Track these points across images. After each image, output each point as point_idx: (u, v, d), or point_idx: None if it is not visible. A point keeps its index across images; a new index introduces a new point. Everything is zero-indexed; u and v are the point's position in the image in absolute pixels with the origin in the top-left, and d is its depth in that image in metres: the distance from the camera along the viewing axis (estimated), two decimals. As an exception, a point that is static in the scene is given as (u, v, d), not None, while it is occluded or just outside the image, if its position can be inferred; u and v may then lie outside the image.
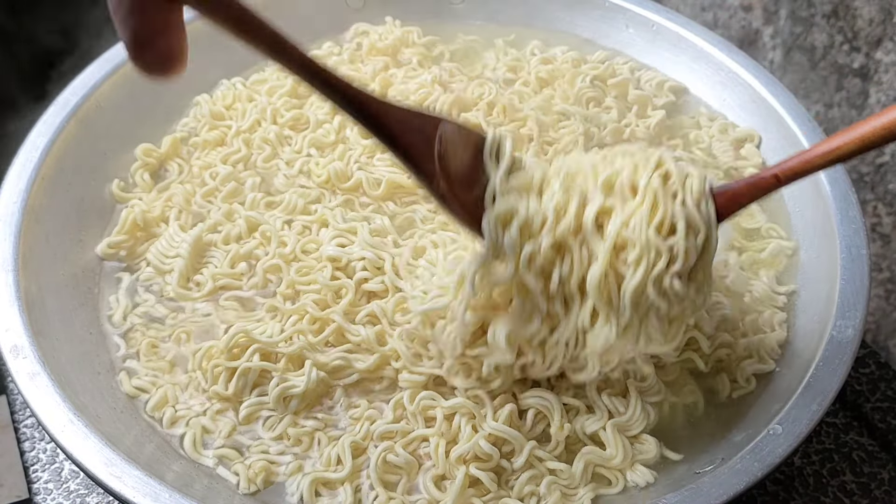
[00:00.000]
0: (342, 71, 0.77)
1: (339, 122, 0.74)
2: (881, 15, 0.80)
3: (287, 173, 0.71)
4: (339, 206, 0.68)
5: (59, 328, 0.61)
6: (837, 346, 0.57)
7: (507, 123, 0.73)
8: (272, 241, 0.65)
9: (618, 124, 0.75)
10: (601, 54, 0.83)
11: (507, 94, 0.75)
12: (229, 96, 0.78)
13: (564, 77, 0.78)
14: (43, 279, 0.62)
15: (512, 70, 0.80)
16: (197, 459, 0.56)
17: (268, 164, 0.73)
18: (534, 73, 0.79)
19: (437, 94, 0.75)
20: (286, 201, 0.68)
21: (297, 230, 0.66)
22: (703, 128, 0.78)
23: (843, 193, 0.66)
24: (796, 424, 0.53)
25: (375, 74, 0.79)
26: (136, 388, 0.60)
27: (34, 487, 0.64)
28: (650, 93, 0.79)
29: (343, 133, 0.74)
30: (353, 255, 0.63)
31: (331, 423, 0.58)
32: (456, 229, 0.64)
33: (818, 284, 0.64)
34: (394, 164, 0.70)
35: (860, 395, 0.71)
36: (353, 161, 0.71)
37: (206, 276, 0.64)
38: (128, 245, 0.68)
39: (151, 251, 0.67)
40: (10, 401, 0.69)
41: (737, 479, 0.50)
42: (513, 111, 0.73)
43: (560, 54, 0.82)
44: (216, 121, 0.76)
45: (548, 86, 0.79)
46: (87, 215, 0.69)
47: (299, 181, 0.71)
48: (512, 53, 0.82)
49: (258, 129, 0.75)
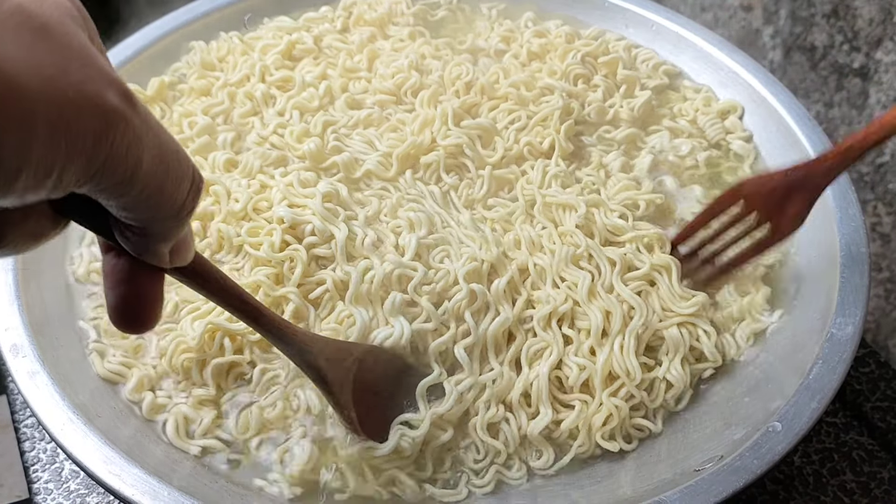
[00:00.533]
0: (329, 40, 0.79)
1: (325, 87, 0.73)
2: (881, 15, 0.80)
3: (260, 132, 0.71)
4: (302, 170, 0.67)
5: (58, 328, 0.61)
6: (837, 345, 0.57)
7: (484, 101, 0.72)
8: (222, 202, 0.64)
9: (602, 104, 0.74)
10: (594, 30, 0.82)
11: (490, 70, 0.75)
12: (224, 48, 0.78)
13: (556, 51, 0.78)
14: (43, 279, 0.62)
15: (505, 41, 0.80)
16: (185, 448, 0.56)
17: (244, 121, 0.72)
18: (525, 46, 0.79)
19: (415, 78, 0.74)
20: (244, 162, 0.68)
21: (255, 189, 0.65)
22: (689, 100, 0.78)
23: (843, 193, 0.66)
24: (796, 422, 0.53)
25: (363, 45, 0.78)
26: (111, 371, 0.59)
27: (34, 487, 0.64)
28: (644, 73, 0.79)
29: (328, 98, 0.73)
30: (303, 217, 0.62)
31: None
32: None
33: (818, 283, 0.64)
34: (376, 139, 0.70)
35: (860, 394, 0.71)
36: (331, 134, 0.70)
37: None
38: None
39: None
40: (11, 401, 0.69)
41: (736, 477, 0.50)
42: (491, 90, 0.73)
43: (554, 28, 0.81)
44: (206, 70, 0.76)
45: (538, 59, 0.78)
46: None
47: (271, 140, 0.70)
48: (506, 24, 0.82)
49: (245, 84, 0.74)
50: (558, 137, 0.70)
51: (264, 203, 0.64)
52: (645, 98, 0.75)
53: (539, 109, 0.72)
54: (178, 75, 0.77)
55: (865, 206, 0.88)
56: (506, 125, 0.71)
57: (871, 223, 0.87)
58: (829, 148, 0.58)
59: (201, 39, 0.80)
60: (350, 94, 0.73)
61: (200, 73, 0.76)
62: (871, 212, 0.87)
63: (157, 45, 0.77)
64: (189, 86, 0.75)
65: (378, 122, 0.72)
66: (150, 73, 0.77)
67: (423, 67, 0.75)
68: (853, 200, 0.65)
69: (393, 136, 0.70)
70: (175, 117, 0.73)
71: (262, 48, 0.77)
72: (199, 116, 0.72)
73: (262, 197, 0.65)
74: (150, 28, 0.79)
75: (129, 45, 0.77)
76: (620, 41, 0.81)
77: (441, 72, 0.74)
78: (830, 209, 0.65)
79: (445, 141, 0.68)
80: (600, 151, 0.72)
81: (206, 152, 0.70)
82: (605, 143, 0.73)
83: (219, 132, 0.71)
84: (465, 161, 0.69)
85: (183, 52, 0.79)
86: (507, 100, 0.73)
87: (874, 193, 0.86)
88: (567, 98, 0.73)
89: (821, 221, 0.66)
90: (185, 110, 0.73)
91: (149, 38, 0.78)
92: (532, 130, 0.71)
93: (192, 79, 0.76)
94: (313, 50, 0.78)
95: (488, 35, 0.81)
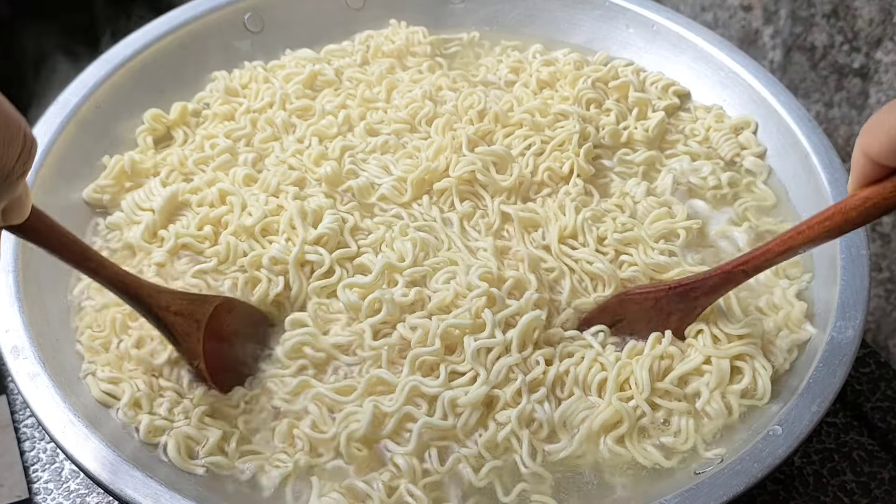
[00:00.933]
0: (350, 72, 0.79)
1: (343, 116, 0.74)
2: (881, 15, 0.80)
3: (280, 156, 0.72)
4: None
5: (58, 328, 0.61)
6: (838, 347, 0.57)
7: (499, 129, 0.73)
8: (235, 212, 0.66)
9: (616, 127, 0.74)
10: (602, 56, 0.82)
11: (503, 100, 0.75)
12: (246, 76, 0.79)
13: (566, 78, 0.78)
14: (43, 279, 0.62)
15: (514, 71, 0.80)
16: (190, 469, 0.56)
17: (265, 146, 0.73)
18: (535, 75, 0.79)
19: (429, 107, 0.74)
20: (262, 177, 0.69)
21: (271, 208, 0.66)
22: (699, 119, 0.78)
23: (843, 193, 0.65)
24: (796, 425, 0.53)
25: (381, 77, 0.79)
26: (104, 391, 0.59)
27: (34, 487, 0.64)
28: (653, 95, 0.79)
29: (347, 126, 0.74)
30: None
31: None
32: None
33: (818, 284, 0.64)
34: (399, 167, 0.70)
35: (860, 394, 0.71)
36: (347, 158, 0.71)
37: (171, 232, 0.65)
38: (113, 191, 0.69)
39: (127, 198, 0.68)
40: (11, 401, 0.69)
41: (736, 480, 0.50)
42: (504, 118, 0.73)
43: (562, 57, 0.82)
44: (230, 96, 0.77)
45: (548, 86, 0.79)
46: (87, 215, 0.69)
47: (290, 163, 0.71)
48: (514, 56, 0.82)
49: (267, 111, 0.76)
50: (578, 161, 0.70)
51: (276, 225, 0.65)
52: (658, 119, 0.75)
53: (555, 134, 0.72)
54: (202, 104, 0.78)
55: (865, 206, 0.87)
56: (521, 151, 0.71)
57: (871, 223, 0.87)
58: (713, 269, 0.57)
59: (201, 38, 0.80)
60: (368, 122, 0.74)
61: (224, 98, 0.77)
62: (870, 212, 0.87)
63: (157, 45, 0.77)
64: (213, 111, 0.76)
65: (394, 149, 0.72)
66: (151, 72, 0.77)
67: (437, 98, 0.76)
68: (853, 201, 0.65)
69: (408, 162, 0.70)
70: (198, 139, 0.74)
71: (285, 77, 0.78)
72: (220, 139, 0.73)
73: (274, 219, 0.65)
74: (151, 26, 0.78)
75: (129, 45, 0.76)
76: (629, 66, 0.81)
77: (455, 102, 0.75)
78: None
79: (459, 166, 0.68)
80: (620, 176, 0.72)
81: (227, 169, 0.71)
82: (625, 165, 0.73)
83: (239, 153, 0.72)
84: (479, 189, 0.69)
85: (183, 50, 0.79)
86: (521, 126, 0.73)
87: (874, 193, 0.86)
88: (583, 123, 0.73)
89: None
90: (207, 133, 0.74)
91: (149, 37, 0.77)
92: (550, 155, 0.71)
93: (216, 104, 0.76)
94: (334, 81, 0.79)
95: (496, 68, 0.81)
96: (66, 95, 0.71)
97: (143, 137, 0.74)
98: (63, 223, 0.61)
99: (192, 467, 0.55)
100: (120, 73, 0.74)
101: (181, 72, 0.79)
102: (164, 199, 0.67)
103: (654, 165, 0.74)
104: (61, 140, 0.68)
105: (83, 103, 0.71)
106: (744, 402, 0.58)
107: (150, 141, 0.74)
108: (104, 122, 0.73)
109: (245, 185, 0.69)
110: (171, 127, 0.76)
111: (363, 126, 0.74)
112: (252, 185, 0.69)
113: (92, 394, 0.58)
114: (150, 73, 0.77)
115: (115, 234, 0.68)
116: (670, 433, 0.57)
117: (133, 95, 0.75)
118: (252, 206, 0.66)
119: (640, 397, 0.57)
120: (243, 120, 0.75)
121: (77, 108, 0.71)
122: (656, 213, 0.68)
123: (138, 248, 0.65)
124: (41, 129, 0.69)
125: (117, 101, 0.74)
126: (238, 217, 0.65)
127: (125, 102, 0.74)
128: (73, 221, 0.67)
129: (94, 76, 0.73)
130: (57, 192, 0.67)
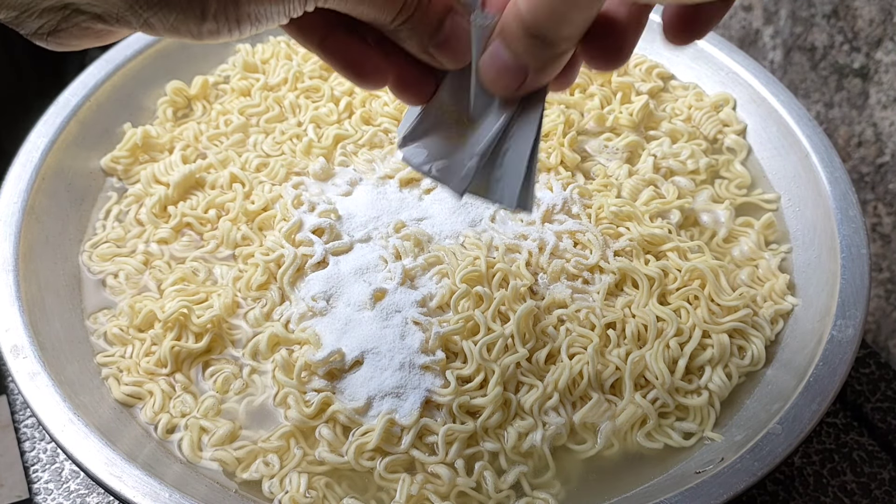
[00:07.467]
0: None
1: (345, 103, 0.75)
2: (881, 15, 0.80)
3: (277, 138, 0.72)
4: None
5: (59, 328, 0.61)
6: (838, 346, 0.57)
7: None
8: (238, 199, 0.67)
9: (601, 111, 0.75)
10: None
11: None
12: (269, 50, 0.79)
13: None
14: (43, 279, 0.62)
15: None
16: (197, 462, 0.56)
17: (269, 125, 0.74)
18: None
19: None
20: (270, 166, 0.70)
21: (273, 198, 0.67)
22: (679, 98, 0.78)
23: (843, 193, 0.66)
24: (796, 424, 0.53)
25: None
26: (126, 394, 0.59)
27: (34, 487, 0.64)
28: (638, 77, 0.79)
29: (347, 113, 0.75)
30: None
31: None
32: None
33: (818, 284, 0.64)
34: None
35: (860, 395, 0.71)
36: (338, 150, 0.71)
37: (178, 209, 0.67)
38: (126, 162, 0.71)
39: (147, 169, 0.70)
40: (11, 401, 0.69)
41: (737, 479, 0.50)
42: None
43: None
44: (248, 72, 0.78)
45: None
46: (87, 215, 0.69)
47: (285, 147, 0.72)
48: None
49: (281, 89, 0.76)
50: (564, 151, 0.70)
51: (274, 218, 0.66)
52: (643, 102, 0.75)
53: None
54: (223, 76, 0.78)
55: (865, 206, 0.88)
56: None
57: (871, 223, 0.87)
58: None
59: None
60: (366, 110, 0.74)
61: (242, 74, 0.78)
62: (871, 212, 0.87)
63: (157, 44, 0.77)
64: (231, 86, 0.77)
65: (381, 144, 0.73)
66: (151, 72, 0.77)
67: None
68: (853, 201, 0.65)
69: (395, 160, 0.70)
70: (213, 115, 0.75)
71: (305, 54, 0.79)
72: (234, 115, 0.74)
73: (270, 215, 0.66)
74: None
75: (132, 44, 0.76)
76: None
77: None
78: (830, 210, 0.65)
79: None
80: (604, 159, 0.72)
81: (239, 148, 0.72)
82: (609, 150, 0.73)
83: (251, 132, 0.73)
84: None
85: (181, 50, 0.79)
86: None
87: (874, 193, 0.87)
88: (567, 110, 0.73)
89: (821, 223, 0.66)
90: (222, 108, 0.75)
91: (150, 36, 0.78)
92: None
93: (235, 80, 0.77)
94: None
95: None
96: (66, 95, 0.71)
97: (163, 109, 0.75)
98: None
99: (205, 462, 0.56)
100: (121, 73, 0.74)
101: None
102: (182, 175, 0.68)
103: (637, 151, 0.73)
104: (61, 139, 0.69)
105: (84, 103, 0.71)
106: (742, 368, 0.60)
107: (169, 113, 0.75)
108: (105, 121, 0.73)
109: (256, 171, 0.70)
110: (192, 100, 0.77)
111: (360, 114, 0.74)
112: (262, 171, 0.70)
113: (113, 395, 0.58)
114: (152, 71, 0.77)
115: (128, 199, 0.69)
116: (692, 420, 0.58)
117: (133, 95, 0.75)
118: (257, 194, 0.67)
119: (662, 390, 0.58)
120: (258, 97, 0.76)
121: (77, 107, 0.71)
122: (646, 193, 0.68)
123: (148, 221, 0.67)
124: (41, 129, 0.68)
125: (118, 101, 0.74)
126: (241, 203, 0.67)
127: (126, 102, 0.75)
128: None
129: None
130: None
